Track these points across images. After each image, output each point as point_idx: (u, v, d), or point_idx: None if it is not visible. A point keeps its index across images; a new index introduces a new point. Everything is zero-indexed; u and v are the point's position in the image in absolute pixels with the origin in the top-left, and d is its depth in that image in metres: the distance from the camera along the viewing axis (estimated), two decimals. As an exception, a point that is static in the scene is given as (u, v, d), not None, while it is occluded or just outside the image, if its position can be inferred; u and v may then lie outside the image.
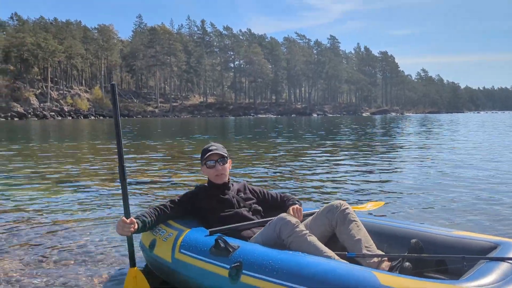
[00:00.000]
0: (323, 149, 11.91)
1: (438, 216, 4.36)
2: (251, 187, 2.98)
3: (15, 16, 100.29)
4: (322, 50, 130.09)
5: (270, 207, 2.90)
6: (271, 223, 2.44)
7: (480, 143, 13.70)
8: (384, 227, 2.66)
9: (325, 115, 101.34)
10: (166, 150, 12.45)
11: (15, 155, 11.07)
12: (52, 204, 4.99)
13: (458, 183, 6.24)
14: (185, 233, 2.52)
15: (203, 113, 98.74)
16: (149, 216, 2.62)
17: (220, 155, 2.79)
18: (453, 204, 4.88)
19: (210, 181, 2.85)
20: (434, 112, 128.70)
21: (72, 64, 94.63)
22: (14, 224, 4.08)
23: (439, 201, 5.06)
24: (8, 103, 76.24)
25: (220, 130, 27.28)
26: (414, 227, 2.61)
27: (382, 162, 8.89)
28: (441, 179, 6.62)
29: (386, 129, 25.66)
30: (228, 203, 2.76)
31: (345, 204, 2.58)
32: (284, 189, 5.80)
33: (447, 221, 4.15)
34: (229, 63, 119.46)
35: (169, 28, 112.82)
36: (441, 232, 2.49)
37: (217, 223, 2.65)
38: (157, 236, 2.63)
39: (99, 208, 4.76)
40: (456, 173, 7.17)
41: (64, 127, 34.91)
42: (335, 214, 2.53)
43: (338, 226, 2.51)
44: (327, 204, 2.63)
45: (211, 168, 2.78)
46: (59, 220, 4.23)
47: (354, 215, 2.55)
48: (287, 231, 2.31)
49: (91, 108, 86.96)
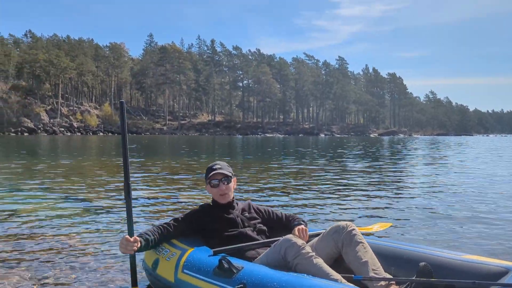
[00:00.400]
0: (329, 169, 11.84)
1: (446, 239, 4.27)
2: (256, 206, 2.93)
3: (29, 33, 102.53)
4: (331, 71, 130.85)
5: (275, 227, 2.85)
6: (276, 244, 2.40)
7: (489, 166, 13.55)
8: (391, 250, 2.60)
9: (333, 135, 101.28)
10: (172, 167, 12.45)
11: (22, 170, 11.13)
12: (56, 219, 4.96)
13: (467, 206, 6.13)
14: (189, 252, 2.47)
15: (211, 131, 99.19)
16: (152, 234, 2.58)
17: (224, 175, 2.75)
18: (461, 227, 4.78)
19: (214, 200, 2.81)
20: (442, 134, 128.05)
21: (83, 81, 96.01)
22: (18, 239, 4.06)
23: (448, 223, 4.96)
24: (19, 118, 77.21)
25: (228, 149, 27.30)
26: (423, 250, 2.55)
27: (390, 183, 8.80)
28: (449, 201, 6.50)
29: (394, 150, 25.53)
30: (232, 223, 2.71)
31: (351, 225, 2.53)
32: (289, 209, 5.73)
33: (456, 244, 4.05)
34: (237, 82, 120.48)
35: (179, 47, 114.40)
36: (450, 255, 2.43)
37: (221, 242, 2.60)
38: (160, 255, 2.58)
39: (103, 224, 4.72)
40: (465, 196, 7.06)
41: (72, 143, 35.16)
42: (341, 235, 2.47)
43: (344, 248, 2.45)
44: (333, 225, 2.57)
45: (215, 187, 2.75)
46: (62, 236, 4.20)
47: (361, 236, 2.49)
48: (292, 253, 2.27)
49: (100, 125, 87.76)
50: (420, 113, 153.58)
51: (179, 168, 12.07)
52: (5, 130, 73.09)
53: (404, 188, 8.22)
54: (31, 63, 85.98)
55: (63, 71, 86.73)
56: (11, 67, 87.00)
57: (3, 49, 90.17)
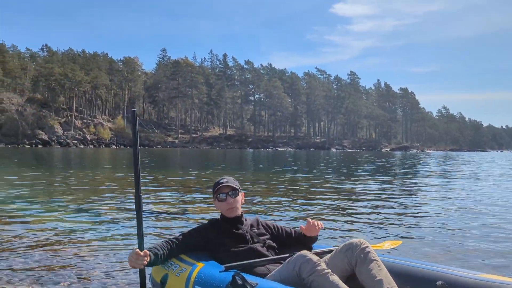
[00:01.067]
0: (340, 184, 11.76)
1: (460, 257, 4.18)
2: (264, 222, 2.91)
3: (45, 47, 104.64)
4: (342, 86, 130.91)
5: (284, 243, 2.83)
6: (290, 261, 2.36)
7: (505, 182, 13.34)
8: (405, 268, 2.55)
9: (344, 150, 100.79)
10: (183, 181, 12.48)
11: (36, 181, 11.24)
12: (66, 232, 4.99)
13: (482, 223, 6.00)
14: (199, 268, 2.44)
15: (222, 144, 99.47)
16: (161, 249, 2.56)
17: (231, 188, 2.75)
18: (476, 245, 4.68)
19: (223, 215, 2.80)
20: (455, 150, 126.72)
21: (97, 94, 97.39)
22: (29, 250, 4.08)
23: (462, 241, 4.86)
24: (34, 130, 78.40)
25: (239, 163, 27.31)
26: (438, 268, 2.50)
27: (401, 200, 8.70)
28: (463, 219, 6.38)
29: (406, 166, 25.28)
30: (241, 238, 2.69)
31: (365, 242, 2.49)
32: (298, 225, 5.68)
33: (470, 263, 3.96)
34: (249, 96, 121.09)
35: (192, 61, 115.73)
36: (467, 274, 2.38)
37: (231, 258, 2.58)
38: (169, 270, 2.54)
39: (112, 237, 4.72)
40: (479, 213, 6.94)
41: (85, 156, 35.51)
42: (354, 253, 2.44)
43: (358, 266, 2.41)
44: (346, 242, 2.54)
45: (222, 201, 2.74)
46: (72, 249, 4.21)
47: (375, 254, 2.45)
48: (307, 270, 2.24)
49: (113, 137, 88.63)
50: (432, 128, 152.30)
51: (190, 182, 12.09)
52: (20, 142, 74.20)
53: (416, 205, 8.11)
54: (46, 77, 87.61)
55: (77, 85, 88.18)
56: (27, 80, 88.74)
57: (20, 62, 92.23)
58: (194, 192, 9.40)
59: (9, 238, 4.62)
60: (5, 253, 4.02)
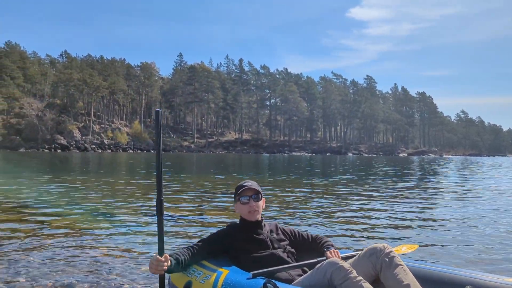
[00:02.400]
0: (355, 189, 11.65)
1: (478, 262, 4.12)
2: (282, 227, 2.90)
3: (64, 53, 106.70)
4: (359, 90, 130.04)
5: (301, 248, 2.82)
6: (320, 268, 2.35)
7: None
8: (429, 272, 2.53)
9: (361, 155, 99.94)
10: (201, 185, 12.51)
11: (57, 184, 11.40)
12: (85, 234, 5.03)
13: (500, 228, 5.90)
14: (225, 275, 2.41)
15: (238, 149, 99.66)
16: (182, 254, 2.55)
17: (255, 191, 2.75)
18: (493, 249, 4.62)
19: (243, 219, 2.79)
20: (474, 155, 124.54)
21: (114, 99, 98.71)
22: (46, 251, 4.12)
23: (479, 246, 4.80)
24: (53, 135, 79.78)
25: (255, 167, 27.30)
26: (463, 273, 2.47)
27: (417, 204, 8.57)
28: (481, 224, 6.27)
29: (424, 171, 24.92)
30: (262, 244, 2.68)
31: (388, 247, 2.49)
32: (313, 230, 5.64)
33: (489, 267, 3.88)
34: (265, 101, 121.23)
35: (208, 66, 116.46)
36: (492, 279, 2.34)
37: (252, 263, 2.56)
38: (192, 277, 2.50)
39: (131, 241, 4.73)
40: (497, 218, 6.79)
41: (103, 160, 35.95)
42: (379, 258, 2.43)
43: (383, 271, 2.39)
44: (369, 247, 2.53)
45: (245, 204, 2.73)
46: (90, 252, 4.24)
47: (399, 258, 2.44)
48: (340, 277, 2.23)
49: (130, 142, 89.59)
50: (451, 133, 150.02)
51: (207, 186, 12.12)
52: (39, 147, 75.57)
53: (433, 209, 8.00)
54: (65, 82, 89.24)
55: (95, 90, 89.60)
56: (47, 86, 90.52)
57: (40, 68, 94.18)
58: (212, 196, 9.41)
59: (29, 237, 4.68)
60: (25, 252, 4.06)
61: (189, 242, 4.65)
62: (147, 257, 4.08)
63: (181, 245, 4.45)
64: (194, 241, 3.08)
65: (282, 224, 2.99)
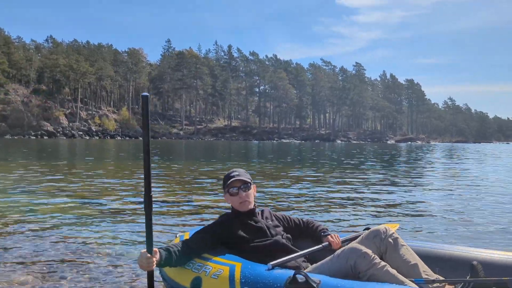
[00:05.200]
0: (341, 175, 11.68)
1: (457, 235, 4.40)
2: (274, 213, 2.87)
3: (50, 39, 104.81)
4: (348, 77, 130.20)
5: (295, 234, 2.79)
6: (341, 255, 2.33)
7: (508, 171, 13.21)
8: (431, 251, 2.60)
9: (349, 142, 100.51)
10: (189, 173, 12.44)
11: (45, 171, 11.23)
12: (70, 223, 4.94)
13: (482, 206, 6.25)
14: (239, 268, 2.28)
15: (227, 136, 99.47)
16: (174, 246, 2.43)
17: (243, 181, 2.66)
18: (473, 224, 4.92)
19: (234, 209, 2.72)
20: (461, 142, 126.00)
21: (102, 86, 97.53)
22: (33, 239, 4.04)
23: (458, 223, 5.12)
24: (39, 122, 78.73)
25: (244, 154, 27.27)
26: (465, 250, 2.58)
27: (402, 187, 8.62)
28: (461, 204, 6.60)
29: (411, 157, 25.13)
30: (261, 232, 2.62)
31: (390, 229, 2.53)
32: (300, 214, 5.62)
33: (475, 242, 4.12)
34: (254, 88, 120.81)
35: (197, 52, 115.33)
36: (496, 254, 2.47)
37: (257, 253, 2.50)
38: (201, 273, 2.34)
39: (120, 234, 4.67)
40: (479, 200, 6.89)
41: (91, 147, 35.60)
42: (384, 240, 2.46)
43: (389, 252, 2.43)
44: (371, 229, 2.56)
45: (234, 195, 2.65)
46: (76, 245, 4.16)
47: (402, 240, 2.49)
48: (365, 264, 2.22)
49: (118, 129, 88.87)
50: (438, 120, 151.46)
51: (195, 174, 12.05)
52: (25, 134, 74.58)
53: (415, 190, 8.26)
54: (51, 68, 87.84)
55: (82, 76, 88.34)
56: (32, 71, 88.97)
57: (25, 54, 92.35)
58: (200, 185, 9.35)
59: (15, 228, 4.58)
60: (10, 244, 3.98)
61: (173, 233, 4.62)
62: (132, 247, 4.02)
63: (169, 239, 4.41)
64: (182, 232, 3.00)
65: (272, 210, 2.95)
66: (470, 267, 2.19)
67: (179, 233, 3.17)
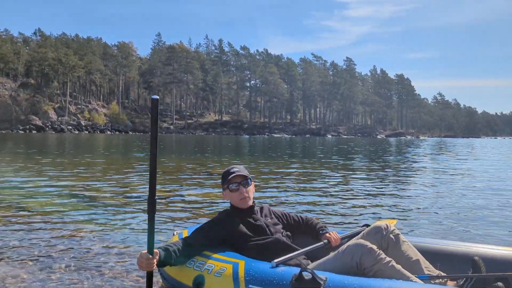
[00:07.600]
0: (335, 170, 11.73)
1: (454, 232, 4.45)
2: (273, 210, 2.84)
3: (38, 32, 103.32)
4: (338, 72, 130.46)
5: (295, 231, 2.78)
6: (346, 251, 2.31)
7: (498, 166, 13.37)
8: (430, 247, 2.63)
9: (340, 136, 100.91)
10: (183, 168, 12.40)
11: (36, 166, 11.11)
12: (67, 220, 4.90)
13: (473, 202, 6.33)
14: (242, 265, 2.26)
15: (218, 130, 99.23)
16: (173, 245, 2.41)
17: (243, 177, 2.65)
18: (466, 220, 5.01)
19: (234, 206, 2.69)
20: (450, 136, 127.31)
21: (91, 80, 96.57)
22: (26, 233, 4.00)
23: (452, 219, 5.17)
24: (27, 116, 77.77)
25: (236, 149, 27.24)
26: (465, 245, 2.60)
27: (394, 182, 8.69)
28: (453, 200, 6.69)
29: (401, 152, 25.31)
30: (261, 230, 2.60)
31: (391, 225, 2.54)
32: (292, 211, 5.64)
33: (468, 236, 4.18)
34: (245, 82, 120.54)
35: (187, 46, 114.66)
36: (496, 249, 2.50)
37: (258, 251, 2.49)
38: (204, 271, 2.31)
39: (120, 229, 4.65)
40: (476, 194, 6.96)
41: (80, 141, 35.29)
42: (385, 236, 2.48)
43: (391, 248, 2.44)
44: (372, 226, 2.58)
45: (235, 191, 2.63)
46: (72, 242, 4.14)
47: (403, 236, 2.52)
48: (370, 259, 2.22)
49: (108, 123, 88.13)
50: (427, 115, 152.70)
51: (189, 169, 12.02)
52: (13, 128, 73.66)
53: (409, 186, 8.36)
54: (40, 62, 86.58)
55: (71, 70, 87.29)
56: (20, 65, 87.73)
57: (13, 47, 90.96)
58: (193, 181, 9.33)
59: (4, 223, 4.54)
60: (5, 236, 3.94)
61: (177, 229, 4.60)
62: (133, 246, 4.00)
63: (166, 237, 4.40)
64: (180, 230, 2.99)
65: (270, 206, 2.93)
66: (471, 262, 2.22)
67: (176, 230, 3.16)
